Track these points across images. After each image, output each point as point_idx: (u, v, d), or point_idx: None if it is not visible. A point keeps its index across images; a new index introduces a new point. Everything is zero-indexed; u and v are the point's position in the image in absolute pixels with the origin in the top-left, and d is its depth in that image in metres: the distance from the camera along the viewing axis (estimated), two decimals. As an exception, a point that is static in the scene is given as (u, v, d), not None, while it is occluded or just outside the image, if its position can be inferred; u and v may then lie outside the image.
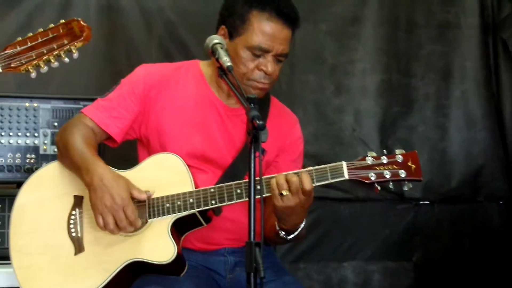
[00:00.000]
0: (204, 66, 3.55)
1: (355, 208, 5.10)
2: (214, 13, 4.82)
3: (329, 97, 5.07)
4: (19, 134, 4.08)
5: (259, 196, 2.93)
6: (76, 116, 3.54)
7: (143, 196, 3.25)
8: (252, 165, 2.77)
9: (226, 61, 3.10)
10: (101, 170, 3.23)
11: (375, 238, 5.15)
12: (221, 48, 3.16)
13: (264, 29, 3.33)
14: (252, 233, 2.71)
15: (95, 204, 3.21)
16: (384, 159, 3.25)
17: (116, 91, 3.49)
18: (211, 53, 3.19)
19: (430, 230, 5.20)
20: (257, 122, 2.75)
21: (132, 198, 3.24)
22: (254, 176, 2.77)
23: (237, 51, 3.35)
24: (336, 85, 5.07)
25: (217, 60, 3.15)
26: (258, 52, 3.35)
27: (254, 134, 2.77)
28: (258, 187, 3.00)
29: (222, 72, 3.15)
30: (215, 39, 3.19)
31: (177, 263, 3.25)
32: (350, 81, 5.09)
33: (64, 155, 3.38)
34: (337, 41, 5.05)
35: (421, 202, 5.17)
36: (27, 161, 4.09)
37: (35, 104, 4.12)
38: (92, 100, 4.01)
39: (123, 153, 3.59)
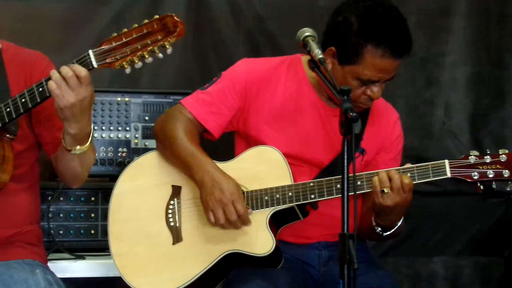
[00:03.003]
0: (306, 63, 3.43)
1: (444, 202, 5.02)
2: (302, 6, 4.86)
3: (419, 90, 5.01)
4: (111, 128, 4.15)
5: (358, 192, 3.11)
6: (174, 106, 3.55)
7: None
8: (345, 156, 2.74)
9: (317, 53, 3.09)
10: (212, 169, 3.27)
11: (465, 232, 5.08)
12: (313, 40, 3.14)
13: (377, 65, 3.26)
14: (345, 225, 2.70)
15: (206, 200, 3.24)
16: (488, 159, 3.23)
17: (216, 85, 3.48)
18: (302, 46, 3.18)
19: (522, 225, 5.10)
20: (351, 113, 2.72)
21: None
22: (348, 168, 2.74)
23: (345, 77, 3.29)
24: (426, 78, 5.00)
25: (309, 52, 3.14)
26: (367, 82, 3.30)
27: (348, 126, 2.75)
28: (359, 182, 3.18)
29: (314, 64, 3.15)
30: (307, 31, 3.17)
31: (275, 256, 3.27)
32: (440, 73, 5.02)
33: (168, 148, 3.40)
34: (427, 33, 4.97)
35: (513, 196, 5.08)
36: (119, 154, 4.16)
37: (127, 99, 4.18)
38: (181, 94, 4.07)
39: (217, 145, 3.59)
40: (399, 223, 3.33)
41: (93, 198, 4.03)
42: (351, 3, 3.32)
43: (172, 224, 3.39)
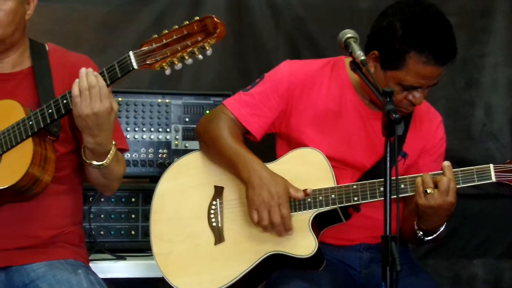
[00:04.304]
0: (349, 66, 3.40)
1: (485, 204, 4.97)
2: (342, 8, 4.84)
3: (459, 91, 4.96)
4: (152, 129, 4.17)
5: (400, 195, 3.14)
6: (217, 107, 3.57)
7: (299, 195, 3.26)
8: (388, 159, 2.73)
9: (360, 55, 3.07)
10: (259, 167, 3.27)
11: (506, 235, 5.01)
12: (355, 42, 3.13)
13: (420, 72, 3.23)
14: (388, 227, 2.69)
15: (252, 200, 3.24)
16: None
17: (259, 87, 3.48)
18: (343, 48, 3.16)
19: None
20: (393, 115, 2.70)
21: (290, 197, 3.27)
22: (390, 170, 2.73)
23: (387, 82, 3.27)
24: (467, 80, 4.96)
25: (350, 54, 3.12)
26: (409, 88, 3.29)
27: (390, 128, 2.74)
28: (402, 185, 3.19)
29: (356, 66, 3.14)
30: (348, 33, 3.15)
31: (317, 258, 3.27)
32: (481, 75, 4.97)
33: (212, 148, 3.41)
34: (467, 34, 4.92)
35: (556, 198, 5.01)
36: (160, 156, 4.18)
37: (167, 100, 4.20)
38: (222, 95, 4.09)
39: (256, 147, 3.59)
40: (442, 229, 3.31)
41: (133, 199, 4.06)
42: (396, 8, 3.29)
43: (214, 224, 3.40)
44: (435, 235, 3.33)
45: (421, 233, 3.32)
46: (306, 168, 3.35)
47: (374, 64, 3.32)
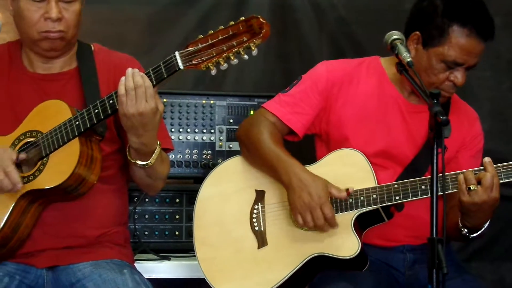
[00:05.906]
0: (385, 63, 3.52)
1: (530, 206, 4.94)
2: (387, 9, 4.82)
3: (504, 94, 4.92)
4: (196, 130, 4.19)
5: (441, 193, 3.00)
6: (257, 111, 3.60)
7: (342, 195, 3.28)
8: (435, 160, 2.73)
9: (406, 56, 3.11)
10: (299, 171, 3.30)
11: (551, 238, 4.98)
12: (401, 43, 3.17)
13: (463, 45, 3.27)
14: (434, 229, 2.67)
15: (294, 203, 3.27)
16: None
17: (298, 87, 3.51)
18: (390, 49, 3.19)
19: None
20: (441, 117, 2.71)
21: (332, 197, 3.29)
22: (437, 172, 2.72)
23: (430, 61, 3.31)
24: (512, 82, 4.94)
25: (397, 55, 3.16)
26: (452, 65, 3.31)
27: (437, 130, 2.74)
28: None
29: (402, 67, 3.16)
30: (394, 34, 3.20)
31: (360, 259, 3.27)
32: (527, 77, 4.94)
33: (253, 152, 3.44)
34: (512, 36, 4.90)
35: None
36: (204, 157, 4.19)
37: (212, 101, 4.21)
38: (266, 97, 4.09)
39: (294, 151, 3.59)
40: (486, 225, 3.31)
41: (177, 200, 4.07)
42: None
43: (256, 228, 3.42)
44: (480, 232, 3.33)
45: (466, 230, 3.32)
46: (346, 169, 3.36)
47: (415, 46, 3.36)
